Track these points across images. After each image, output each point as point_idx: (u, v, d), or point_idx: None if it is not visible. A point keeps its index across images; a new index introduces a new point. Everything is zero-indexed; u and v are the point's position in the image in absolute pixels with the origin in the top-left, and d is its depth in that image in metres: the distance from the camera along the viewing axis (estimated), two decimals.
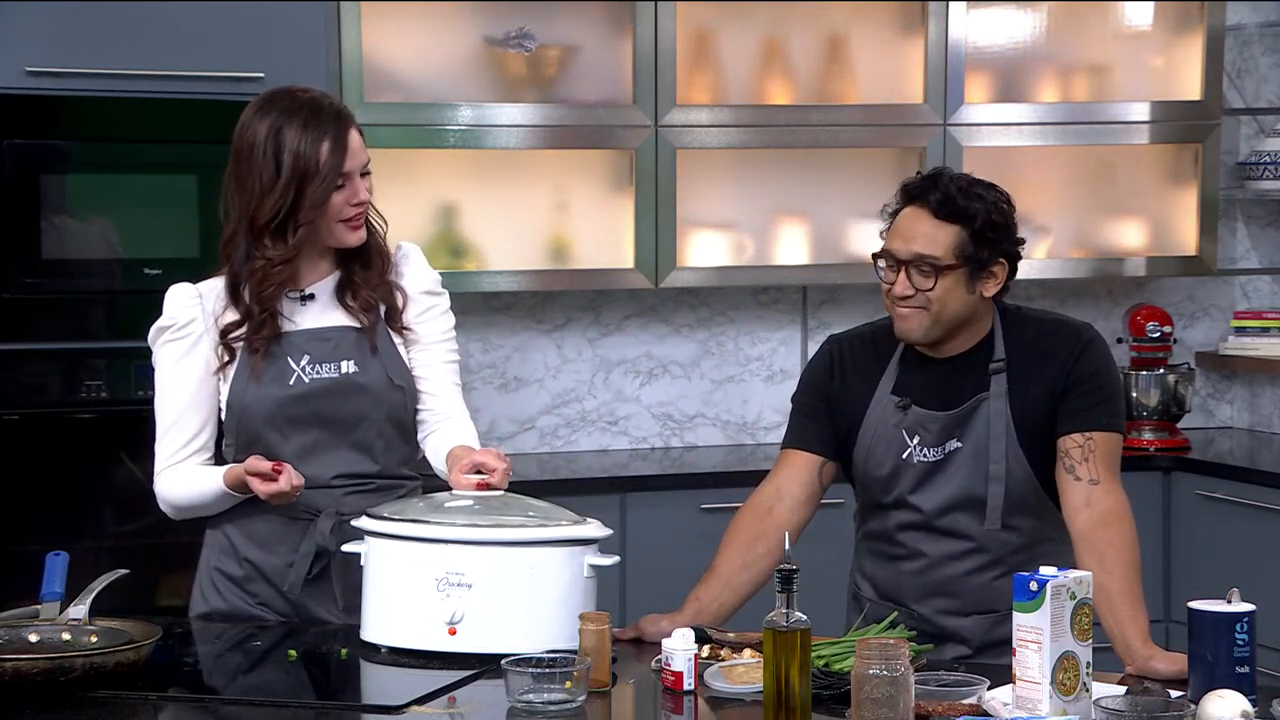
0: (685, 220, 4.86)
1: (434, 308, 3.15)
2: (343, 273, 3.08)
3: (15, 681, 2.55)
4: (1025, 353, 3.03)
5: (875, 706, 2.28)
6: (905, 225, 3.00)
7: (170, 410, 3.09)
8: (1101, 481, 2.94)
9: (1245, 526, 4.71)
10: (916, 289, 2.97)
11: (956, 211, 2.96)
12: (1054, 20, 5.14)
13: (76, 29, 4.10)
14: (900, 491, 3.06)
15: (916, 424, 3.04)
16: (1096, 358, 3.03)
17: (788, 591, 2.38)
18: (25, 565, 3.22)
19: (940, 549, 3.04)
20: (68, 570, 2.88)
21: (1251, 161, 5.31)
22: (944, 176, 3.01)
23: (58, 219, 4.11)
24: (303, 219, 2.95)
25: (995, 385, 3.01)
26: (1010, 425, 3.00)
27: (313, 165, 2.93)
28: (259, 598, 3.10)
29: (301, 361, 3.03)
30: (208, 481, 3.05)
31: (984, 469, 3.00)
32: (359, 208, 3.01)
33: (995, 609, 3.00)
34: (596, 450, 5.11)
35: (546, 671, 2.54)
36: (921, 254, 2.96)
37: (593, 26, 4.81)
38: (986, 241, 2.98)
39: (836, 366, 3.14)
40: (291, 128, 2.94)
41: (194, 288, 3.08)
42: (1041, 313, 3.15)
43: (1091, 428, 2.97)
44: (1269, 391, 5.43)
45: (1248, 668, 2.43)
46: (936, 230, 2.97)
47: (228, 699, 2.69)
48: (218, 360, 3.04)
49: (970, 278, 2.98)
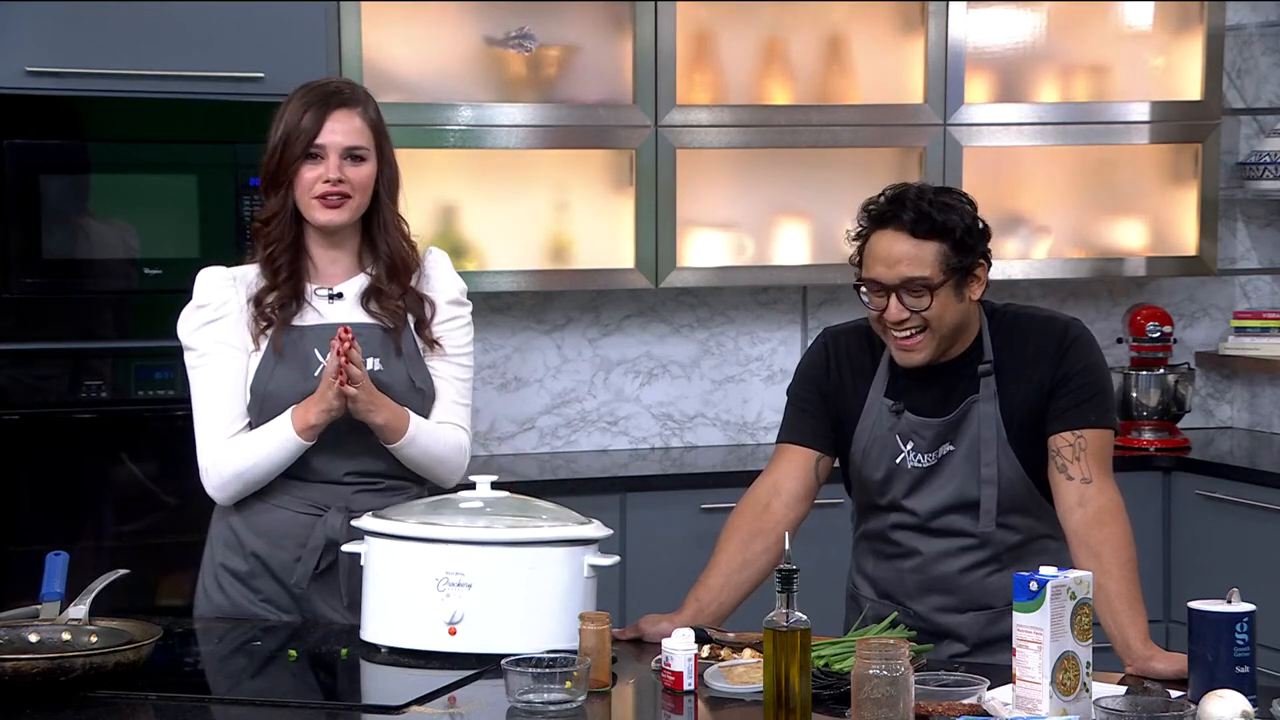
0: (685, 220, 4.86)
1: (457, 318, 3.20)
2: (371, 281, 3.13)
3: (15, 681, 2.55)
4: (1013, 352, 3.02)
5: (875, 706, 2.29)
6: (883, 251, 2.95)
7: (214, 387, 3.09)
8: (1094, 480, 2.93)
9: (1245, 526, 4.71)
10: (912, 310, 2.94)
11: (935, 227, 2.93)
12: (1054, 20, 5.14)
13: (77, 29, 4.10)
14: (894, 495, 3.06)
15: (910, 430, 3.03)
16: (1083, 354, 3.01)
17: (787, 591, 2.38)
18: (25, 565, 3.23)
19: (936, 547, 3.05)
20: (68, 570, 2.89)
21: (1251, 161, 5.31)
22: (909, 194, 2.97)
23: (58, 219, 4.11)
24: (280, 180, 3.09)
25: (985, 388, 3.01)
26: (1001, 427, 2.99)
27: (293, 129, 3.07)
28: (263, 594, 3.11)
29: (326, 354, 3.05)
30: (272, 431, 3.04)
31: (975, 473, 3.00)
32: (331, 186, 3.07)
33: (991, 605, 3.01)
34: (596, 450, 5.11)
35: (546, 671, 2.55)
36: (910, 276, 2.93)
37: (593, 26, 4.81)
38: (967, 248, 2.95)
39: (832, 360, 3.13)
40: (296, 99, 3.11)
41: (227, 271, 3.15)
42: (1028, 309, 3.13)
43: (1081, 425, 2.96)
44: (1269, 391, 5.44)
45: (1248, 668, 2.44)
46: (918, 249, 2.93)
47: (228, 699, 2.69)
48: (253, 341, 3.09)
49: (958, 287, 2.96)
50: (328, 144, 3.07)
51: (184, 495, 3.79)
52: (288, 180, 3.08)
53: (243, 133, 4.01)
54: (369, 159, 3.10)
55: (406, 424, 3.06)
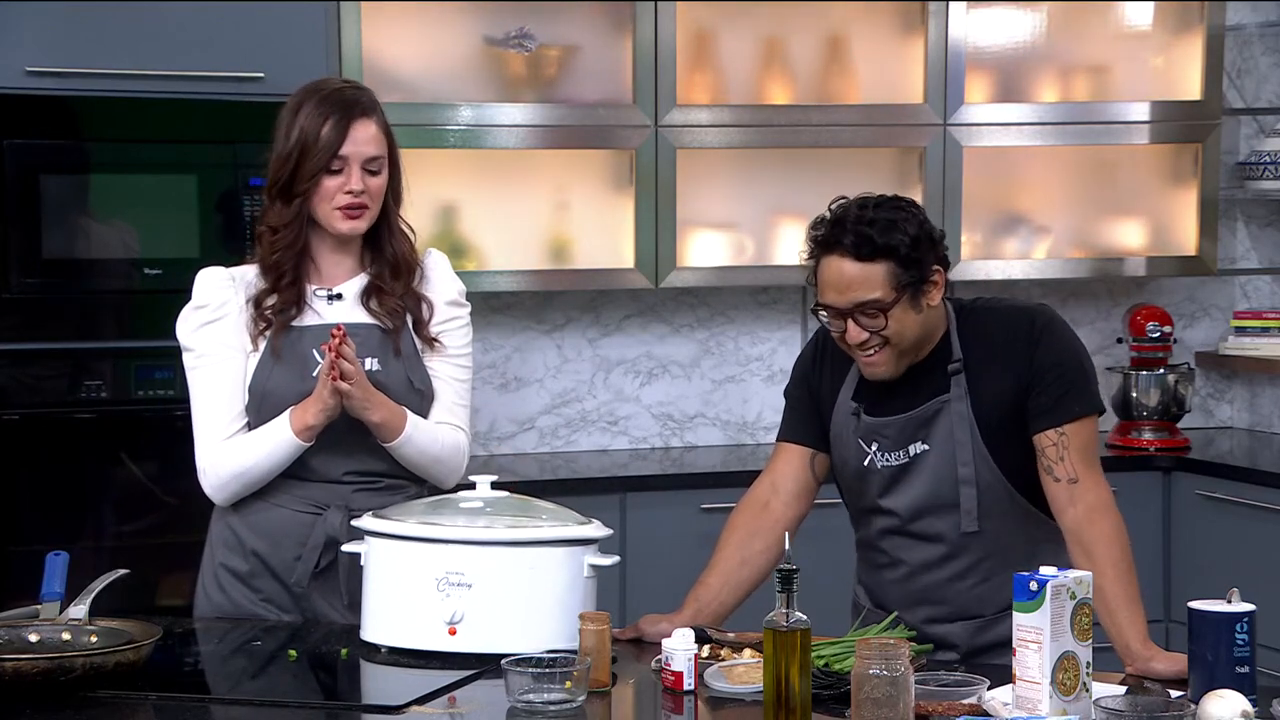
0: (685, 220, 4.86)
1: (456, 319, 3.20)
2: (371, 279, 3.13)
3: (15, 681, 2.56)
4: (981, 348, 2.98)
5: (875, 706, 2.29)
6: (832, 276, 2.91)
7: (213, 388, 3.09)
8: (1080, 479, 2.90)
9: (1245, 526, 4.71)
10: (870, 331, 2.92)
11: (878, 249, 2.88)
12: (1054, 20, 5.14)
13: (77, 29, 4.10)
14: (870, 497, 3.04)
15: (871, 431, 3.01)
16: (1054, 343, 2.96)
17: (787, 591, 2.38)
18: (25, 565, 3.24)
19: (918, 556, 3.02)
20: (68, 570, 2.89)
21: (1251, 161, 5.32)
22: (849, 216, 2.91)
23: (58, 219, 4.11)
24: (296, 190, 3.05)
25: (955, 387, 2.97)
26: (974, 427, 2.95)
27: (312, 139, 3.04)
28: (263, 593, 3.11)
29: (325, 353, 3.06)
30: (270, 432, 3.04)
31: (951, 473, 2.96)
32: (353, 197, 3.06)
33: (980, 614, 2.99)
34: (596, 450, 5.11)
35: (546, 671, 2.55)
36: (861, 301, 2.89)
37: (593, 27, 4.82)
38: (914, 262, 2.90)
39: (821, 354, 3.12)
40: (309, 104, 3.06)
41: (226, 271, 3.14)
42: (994, 302, 3.08)
43: (1063, 420, 2.92)
44: (1269, 391, 5.44)
45: (1248, 668, 2.44)
46: (864, 271, 2.89)
47: (228, 699, 2.70)
48: (251, 342, 3.08)
49: (914, 299, 2.91)
50: (350, 155, 3.05)
51: (183, 495, 3.79)
52: (305, 190, 3.05)
53: (243, 133, 4.02)
54: (384, 169, 3.10)
55: (403, 423, 3.06)
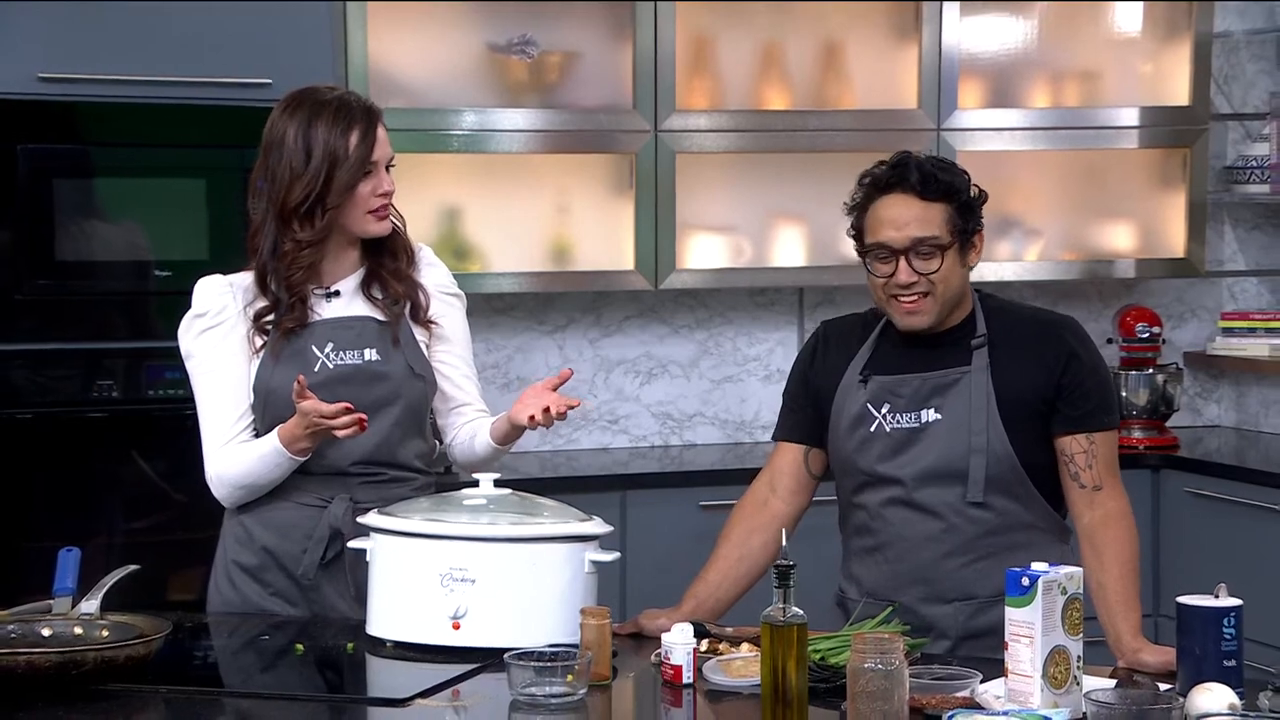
0: (684, 223, 4.88)
1: (453, 306, 3.23)
2: (370, 265, 3.15)
3: (28, 674, 2.57)
4: (1009, 339, 3.02)
5: (870, 699, 2.30)
6: (892, 213, 2.96)
7: (216, 395, 3.10)
8: (1104, 486, 2.98)
9: (1233, 523, 4.73)
10: (920, 273, 2.94)
11: (943, 188, 2.96)
12: (1045, 27, 5.16)
13: (87, 35, 4.11)
14: (870, 463, 3.02)
15: (884, 392, 3.02)
16: (1091, 355, 3.04)
17: (785, 587, 2.40)
18: (38, 561, 3.22)
19: (916, 530, 3.00)
20: (80, 566, 2.90)
21: (1239, 166, 5.34)
22: (913, 159, 3.00)
23: (70, 222, 4.12)
24: (330, 203, 3.03)
25: (977, 360, 3.00)
26: (992, 399, 2.98)
27: (342, 152, 3.03)
28: (273, 588, 3.12)
29: (325, 348, 3.08)
30: (262, 446, 3.06)
31: (963, 442, 2.97)
32: (385, 198, 3.09)
33: (975, 595, 2.99)
34: (597, 449, 5.13)
35: (548, 665, 2.56)
36: (921, 237, 2.94)
37: (593, 33, 4.83)
38: (970, 211, 2.99)
39: (818, 347, 3.15)
40: (322, 119, 3.04)
41: (224, 279, 3.14)
42: (1018, 304, 3.15)
43: (1095, 429, 2.99)
44: (1255, 390, 5.46)
45: (1235, 661, 2.46)
46: (927, 211, 2.95)
47: (236, 692, 2.72)
48: (252, 347, 3.09)
49: (962, 250, 2.98)
50: (380, 158, 3.08)
51: (193, 493, 3.76)
52: (339, 203, 3.04)
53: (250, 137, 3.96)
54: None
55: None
